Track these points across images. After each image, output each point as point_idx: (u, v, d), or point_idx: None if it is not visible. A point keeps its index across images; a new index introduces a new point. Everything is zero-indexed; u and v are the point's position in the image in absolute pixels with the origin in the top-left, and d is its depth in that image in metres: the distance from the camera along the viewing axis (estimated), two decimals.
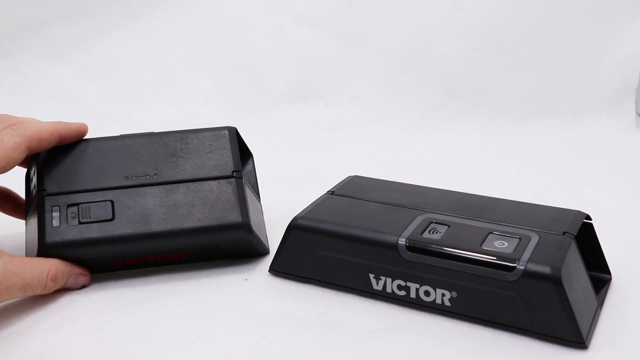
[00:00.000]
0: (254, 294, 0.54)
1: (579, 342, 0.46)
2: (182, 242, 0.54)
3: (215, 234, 0.55)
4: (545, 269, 0.46)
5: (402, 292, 0.52)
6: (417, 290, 0.51)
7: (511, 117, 0.98)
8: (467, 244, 0.50)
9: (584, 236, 0.54)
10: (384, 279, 0.52)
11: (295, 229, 0.55)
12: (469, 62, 1.00)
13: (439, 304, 0.50)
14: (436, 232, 0.52)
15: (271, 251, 0.60)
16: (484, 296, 0.49)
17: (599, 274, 0.55)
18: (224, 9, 1.05)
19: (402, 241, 0.51)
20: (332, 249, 0.54)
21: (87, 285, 0.55)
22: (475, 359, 0.46)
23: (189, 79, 1.03)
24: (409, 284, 0.51)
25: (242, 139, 0.61)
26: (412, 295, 0.51)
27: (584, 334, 0.46)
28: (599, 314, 0.50)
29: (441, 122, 0.98)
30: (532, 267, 0.47)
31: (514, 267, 0.47)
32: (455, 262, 0.49)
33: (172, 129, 0.60)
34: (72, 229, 0.53)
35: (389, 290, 0.52)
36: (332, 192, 0.60)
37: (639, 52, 0.98)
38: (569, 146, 0.90)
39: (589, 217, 0.54)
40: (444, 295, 0.50)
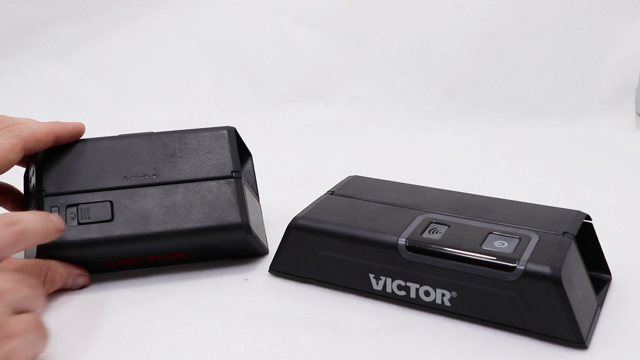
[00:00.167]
0: (254, 294, 0.54)
1: (579, 342, 0.46)
2: (181, 243, 0.54)
3: (214, 235, 0.54)
4: (545, 269, 0.46)
5: (402, 292, 0.52)
6: (417, 290, 0.51)
7: (511, 117, 0.98)
8: (467, 244, 0.50)
9: (584, 236, 0.54)
10: (384, 279, 0.52)
11: (295, 229, 0.55)
12: (469, 62, 1.00)
13: (439, 304, 0.50)
14: (436, 232, 0.52)
15: (271, 251, 0.60)
16: (484, 296, 0.49)
17: (599, 274, 0.55)
18: (224, 9, 1.05)
19: (402, 241, 0.51)
20: (332, 249, 0.54)
21: (87, 285, 0.55)
22: (475, 359, 0.46)
23: (189, 79, 1.03)
24: (409, 284, 0.51)
25: (241, 138, 0.61)
26: (412, 295, 0.51)
27: (584, 334, 0.46)
28: (599, 314, 0.50)
29: (441, 122, 0.98)
30: (532, 267, 0.47)
31: (514, 267, 0.47)
32: (455, 262, 0.49)
33: (172, 129, 0.60)
34: (71, 229, 0.52)
35: (389, 290, 0.52)
36: (332, 192, 0.60)
37: (639, 52, 0.98)
38: (569, 146, 0.90)
39: (589, 217, 0.54)
40: (444, 295, 0.50)
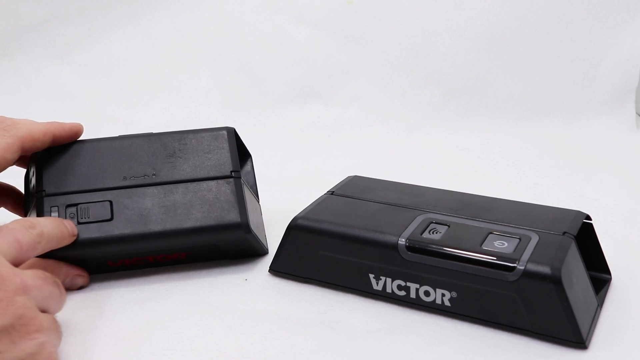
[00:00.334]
0: (254, 294, 0.54)
1: (579, 342, 0.46)
2: (180, 242, 0.54)
3: (213, 234, 0.54)
4: (545, 269, 0.46)
5: (402, 292, 0.52)
6: (417, 290, 0.51)
7: (511, 117, 0.98)
8: (467, 244, 0.50)
9: (584, 236, 0.54)
10: (384, 279, 0.52)
11: (295, 229, 0.55)
12: (469, 62, 1.00)
13: (439, 304, 0.50)
14: (436, 232, 0.52)
15: (271, 251, 0.60)
16: (484, 296, 0.49)
17: (599, 274, 0.55)
18: (224, 9, 1.05)
19: (402, 241, 0.51)
20: (332, 249, 0.54)
21: (85, 285, 0.55)
22: (475, 359, 0.46)
23: (189, 79, 1.03)
24: (409, 284, 0.51)
25: (240, 139, 0.61)
26: (412, 295, 0.51)
27: (584, 334, 0.46)
28: (599, 314, 0.50)
29: (441, 122, 0.98)
30: (532, 267, 0.47)
31: (514, 267, 0.47)
32: (455, 262, 0.49)
33: (171, 129, 0.60)
34: None
35: (389, 290, 0.52)
36: (332, 192, 0.60)
37: (639, 52, 0.98)
38: (569, 146, 0.90)
39: (589, 217, 0.54)
40: (444, 295, 0.50)
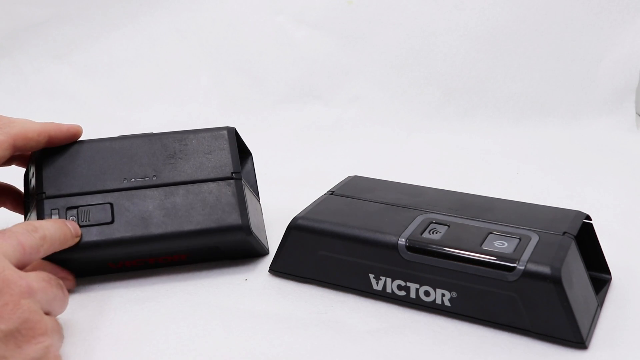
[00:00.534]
0: (254, 294, 0.54)
1: (579, 342, 0.46)
2: (181, 245, 0.54)
3: (214, 236, 0.54)
4: (545, 269, 0.46)
5: (402, 292, 0.52)
6: (417, 290, 0.51)
7: (511, 117, 0.98)
8: (467, 244, 0.50)
9: (584, 236, 0.54)
10: (383, 279, 0.52)
11: (295, 229, 0.55)
12: (469, 62, 1.00)
13: (439, 304, 0.50)
14: (436, 232, 0.52)
15: (271, 251, 0.60)
16: (484, 296, 0.49)
17: (599, 274, 0.55)
18: (224, 9, 1.05)
19: (402, 241, 0.51)
20: (332, 249, 0.54)
21: (71, 289, 0.54)
22: (475, 359, 0.46)
23: (189, 79, 1.03)
24: (409, 284, 0.51)
25: (240, 138, 0.61)
26: (412, 295, 0.51)
27: (584, 334, 0.46)
28: (599, 314, 0.50)
29: (441, 122, 0.98)
30: (532, 267, 0.47)
31: (514, 267, 0.47)
32: (455, 262, 0.49)
33: (172, 129, 0.60)
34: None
35: (389, 290, 0.52)
36: (332, 192, 0.60)
37: (639, 52, 0.98)
38: (569, 146, 0.90)
39: (589, 217, 0.54)
40: (444, 295, 0.50)
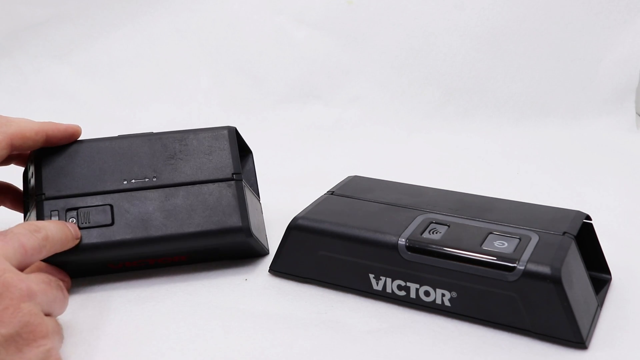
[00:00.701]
0: (254, 294, 0.54)
1: (579, 342, 0.46)
2: (182, 246, 0.54)
3: (215, 238, 0.54)
4: (545, 269, 0.46)
5: (402, 292, 0.52)
6: (417, 290, 0.51)
7: (511, 117, 0.98)
8: (467, 244, 0.50)
9: (584, 236, 0.54)
10: (384, 279, 0.52)
11: (295, 229, 0.55)
12: (469, 62, 1.00)
13: (439, 304, 0.50)
14: (436, 232, 0.52)
15: (271, 251, 0.60)
16: (484, 296, 0.49)
17: (599, 274, 0.55)
18: (224, 9, 1.05)
19: (402, 241, 0.51)
20: (332, 249, 0.54)
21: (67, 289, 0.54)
22: (475, 359, 0.46)
23: (189, 79, 1.03)
24: (409, 284, 0.51)
25: (241, 137, 0.60)
26: (412, 295, 0.51)
27: (584, 334, 0.46)
28: (599, 314, 0.50)
29: (441, 122, 0.98)
30: (532, 267, 0.47)
31: (514, 267, 0.47)
32: (455, 262, 0.49)
33: (172, 129, 0.60)
34: None
35: (389, 290, 0.52)
36: (332, 192, 0.60)
37: (639, 52, 0.98)
38: (569, 146, 0.90)
39: (589, 217, 0.54)
40: (444, 295, 0.50)
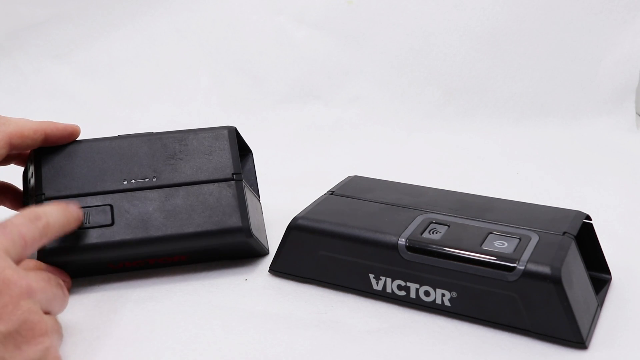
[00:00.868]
0: (254, 294, 0.54)
1: (579, 342, 0.46)
2: (182, 247, 0.54)
3: (215, 238, 0.54)
4: (545, 269, 0.46)
5: (402, 292, 0.52)
6: (417, 290, 0.51)
7: (511, 117, 0.98)
8: (467, 244, 0.50)
9: (584, 236, 0.54)
10: (384, 279, 0.52)
11: (295, 229, 0.55)
12: (469, 62, 1.00)
13: (439, 304, 0.50)
14: (436, 232, 0.52)
15: (271, 251, 0.60)
16: (484, 296, 0.49)
17: (599, 274, 0.55)
18: (224, 9, 1.05)
19: (402, 241, 0.51)
20: (332, 249, 0.54)
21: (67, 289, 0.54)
22: (475, 359, 0.46)
23: (189, 79, 1.03)
24: (409, 284, 0.51)
25: (241, 136, 0.60)
26: (412, 295, 0.51)
27: (584, 334, 0.46)
28: (599, 314, 0.50)
29: (441, 122, 0.98)
30: (532, 267, 0.47)
31: (514, 267, 0.47)
32: (455, 262, 0.49)
33: (171, 129, 0.60)
34: (71, 234, 0.52)
35: (389, 290, 0.52)
36: (332, 192, 0.60)
37: (639, 52, 0.98)
38: (569, 146, 0.90)
39: (589, 217, 0.54)
40: (444, 295, 0.50)
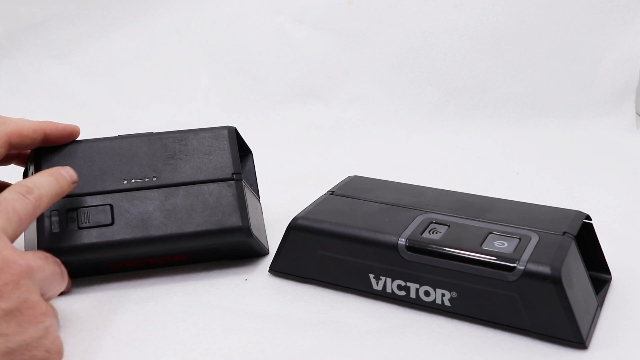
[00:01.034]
0: (254, 294, 0.54)
1: (579, 342, 0.46)
2: (182, 246, 0.54)
3: (215, 238, 0.54)
4: (545, 269, 0.46)
5: (402, 292, 0.52)
6: (417, 290, 0.51)
7: (511, 117, 0.98)
8: (467, 244, 0.50)
9: (584, 236, 0.54)
10: (384, 279, 0.52)
11: (295, 229, 0.55)
12: (469, 62, 1.00)
13: (439, 304, 0.50)
14: (436, 232, 0.52)
15: (271, 251, 0.60)
16: (484, 296, 0.49)
17: (599, 274, 0.55)
18: (224, 9, 1.05)
19: (402, 241, 0.51)
20: (332, 249, 0.54)
21: (67, 291, 0.54)
22: (475, 359, 0.46)
23: (189, 79, 1.03)
24: (409, 284, 0.51)
25: (241, 136, 0.60)
26: (412, 295, 0.51)
27: (584, 334, 0.46)
28: (599, 314, 0.50)
29: (441, 122, 0.98)
30: (532, 267, 0.47)
31: (514, 267, 0.47)
32: (455, 262, 0.49)
33: (171, 129, 0.60)
34: (71, 234, 0.52)
35: (389, 290, 0.52)
36: (332, 192, 0.60)
37: (639, 52, 0.98)
38: (569, 146, 0.90)
39: (589, 217, 0.54)
40: (444, 295, 0.50)
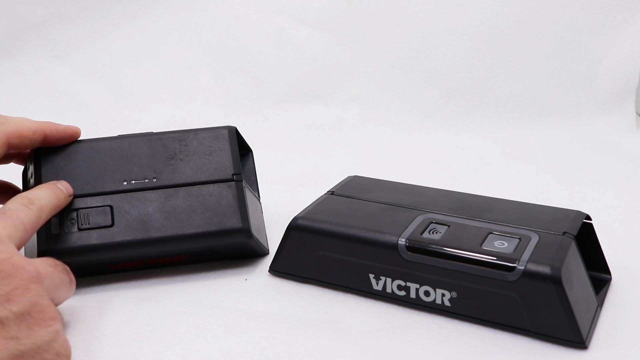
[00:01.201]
0: (254, 294, 0.54)
1: (579, 342, 0.46)
2: (182, 247, 0.54)
3: (215, 239, 0.54)
4: (545, 269, 0.46)
5: (402, 292, 0.52)
6: (417, 290, 0.51)
7: (511, 117, 0.98)
8: (467, 244, 0.50)
9: (584, 236, 0.54)
10: (383, 279, 0.52)
11: (295, 229, 0.55)
12: (469, 62, 1.00)
13: (439, 304, 0.50)
14: (436, 232, 0.52)
15: (271, 251, 0.60)
16: (484, 296, 0.49)
17: (599, 274, 0.55)
18: (224, 9, 1.05)
19: (402, 241, 0.51)
20: (332, 249, 0.54)
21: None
22: (475, 359, 0.46)
23: (189, 79, 1.03)
24: (409, 284, 0.51)
25: (241, 136, 0.60)
26: (412, 295, 0.51)
27: (584, 334, 0.46)
28: (599, 314, 0.50)
29: (441, 122, 0.98)
30: (532, 267, 0.47)
31: (514, 267, 0.47)
32: (455, 262, 0.49)
33: (171, 129, 0.60)
34: (71, 236, 0.52)
35: (389, 290, 0.52)
36: (332, 192, 0.60)
37: (639, 52, 0.98)
38: (569, 146, 0.90)
39: (589, 217, 0.54)
40: (444, 295, 0.50)
